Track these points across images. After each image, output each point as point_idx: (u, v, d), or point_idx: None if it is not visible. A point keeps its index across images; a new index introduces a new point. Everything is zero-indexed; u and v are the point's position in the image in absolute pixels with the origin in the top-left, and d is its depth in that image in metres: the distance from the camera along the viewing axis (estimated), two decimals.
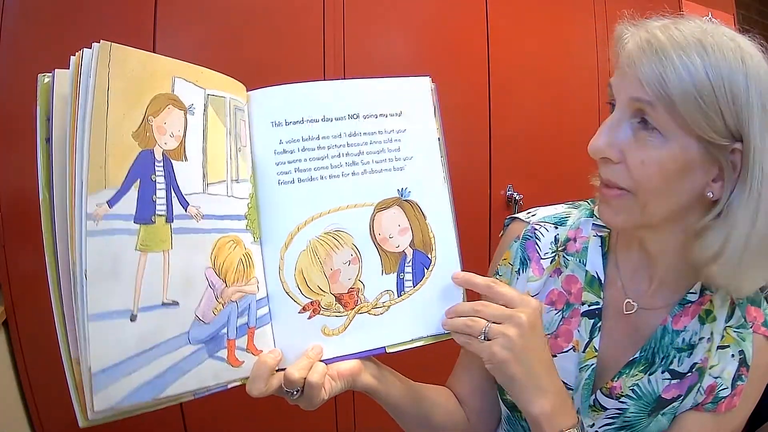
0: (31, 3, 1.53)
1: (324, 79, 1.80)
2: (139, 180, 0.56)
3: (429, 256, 0.72)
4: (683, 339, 0.75)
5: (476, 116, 2.04)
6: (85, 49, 0.54)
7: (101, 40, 0.54)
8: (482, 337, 0.65)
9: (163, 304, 0.57)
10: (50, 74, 0.56)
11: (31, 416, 1.67)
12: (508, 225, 0.91)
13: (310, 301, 0.69)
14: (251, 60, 1.72)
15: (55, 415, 1.67)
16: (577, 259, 0.82)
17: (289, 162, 0.69)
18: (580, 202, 0.90)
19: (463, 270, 0.73)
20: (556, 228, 0.85)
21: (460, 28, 2.01)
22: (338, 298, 0.70)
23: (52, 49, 1.51)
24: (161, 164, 0.58)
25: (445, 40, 1.99)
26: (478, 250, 2.08)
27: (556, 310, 0.81)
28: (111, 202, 0.53)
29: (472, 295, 0.72)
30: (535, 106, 2.14)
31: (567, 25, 2.19)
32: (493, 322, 0.65)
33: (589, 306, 0.79)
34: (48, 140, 0.56)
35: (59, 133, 0.55)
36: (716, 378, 0.73)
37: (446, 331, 0.71)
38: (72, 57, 0.55)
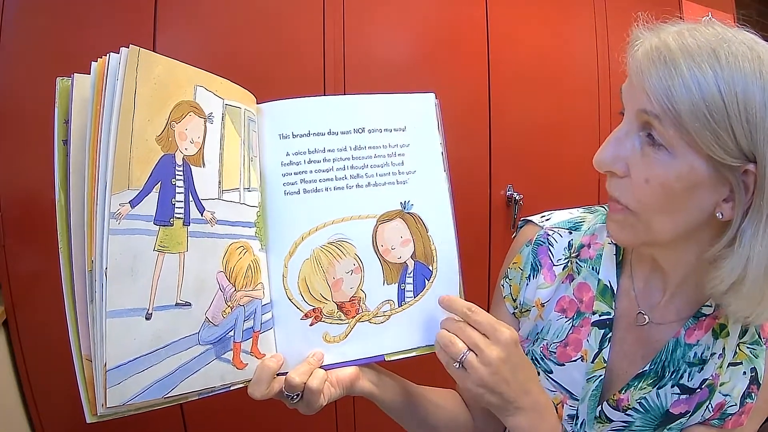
0: (30, 3, 1.53)
1: (324, 80, 1.82)
2: (160, 183, 0.58)
3: (430, 267, 0.75)
4: (695, 353, 0.72)
5: (476, 116, 2.05)
6: (111, 54, 0.56)
7: (130, 45, 0.56)
8: (457, 365, 0.65)
9: (177, 304, 0.59)
10: (69, 78, 0.57)
11: (31, 416, 1.65)
12: (521, 227, 0.89)
13: (313, 308, 0.71)
14: (251, 60, 1.73)
15: (55, 415, 1.65)
16: (590, 267, 0.79)
17: (296, 173, 0.71)
18: (596, 207, 0.87)
19: (462, 281, 0.75)
20: (570, 233, 0.83)
21: (460, 27, 2.02)
22: (340, 306, 0.72)
23: (53, 50, 1.53)
24: (181, 169, 0.60)
25: (445, 39, 2.00)
26: (478, 250, 2.09)
27: (566, 318, 0.79)
28: (133, 203, 0.55)
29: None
30: (535, 106, 2.13)
31: (567, 25, 2.19)
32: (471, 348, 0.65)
33: (600, 316, 0.77)
34: (65, 142, 0.57)
35: (78, 136, 0.56)
36: (726, 396, 0.72)
37: None
38: (93, 62, 0.57)
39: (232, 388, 0.66)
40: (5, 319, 1.60)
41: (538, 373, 0.79)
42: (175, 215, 0.59)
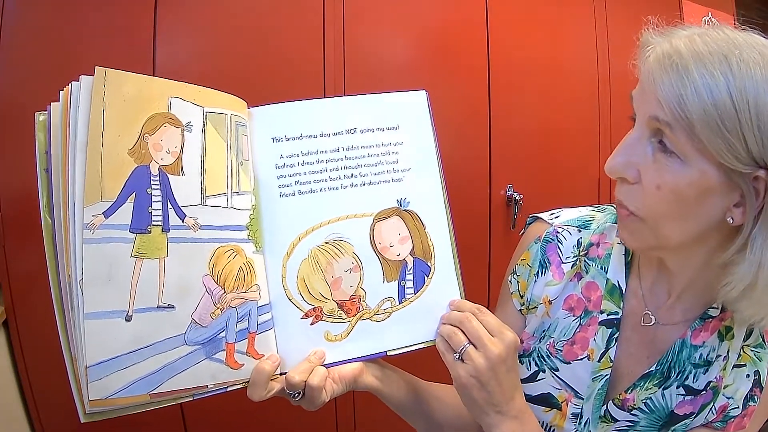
0: (30, 5, 1.57)
1: (324, 83, 1.84)
2: (134, 193, 0.61)
3: (429, 263, 0.74)
4: (701, 354, 0.72)
5: (476, 116, 2.05)
6: (73, 82, 0.60)
7: (96, 67, 0.60)
8: (456, 356, 0.68)
9: (159, 307, 0.62)
10: (45, 112, 0.62)
11: (31, 416, 1.67)
12: (529, 224, 0.90)
13: (313, 307, 0.72)
14: (251, 63, 1.77)
15: (55, 415, 1.68)
16: (599, 266, 0.79)
17: (290, 175, 0.73)
18: (605, 206, 0.87)
19: (461, 276, 0.74)
20: (579, 231, 0.83)
21: (461, 28, 2.01)
22: (340, 305, 0.72)
23: (53, 53, 1.56)
24: (157, 178, 0.63)
25: (446, 40, 2.00)
26: (479, 250, 2.09)
27: (573, 316, 0.79)
28: (107, 213, 0.59)
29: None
30: (535, 106, 2.14)
31: (567, 25, 2.19)
32: (472, 342, 0.67)
33: (607, 315, 0.77)
34: (47, 170, 0.62)
35: (56, 161, 0.61)
36: (729, 398, 0.72)
37: None
38: (61, 91, 0.61)
39: (230, 389, 0.68)
40: (5, 319, 1.61)
41: (544, 371, 0.80)
42: (152, 223, 0.62)
